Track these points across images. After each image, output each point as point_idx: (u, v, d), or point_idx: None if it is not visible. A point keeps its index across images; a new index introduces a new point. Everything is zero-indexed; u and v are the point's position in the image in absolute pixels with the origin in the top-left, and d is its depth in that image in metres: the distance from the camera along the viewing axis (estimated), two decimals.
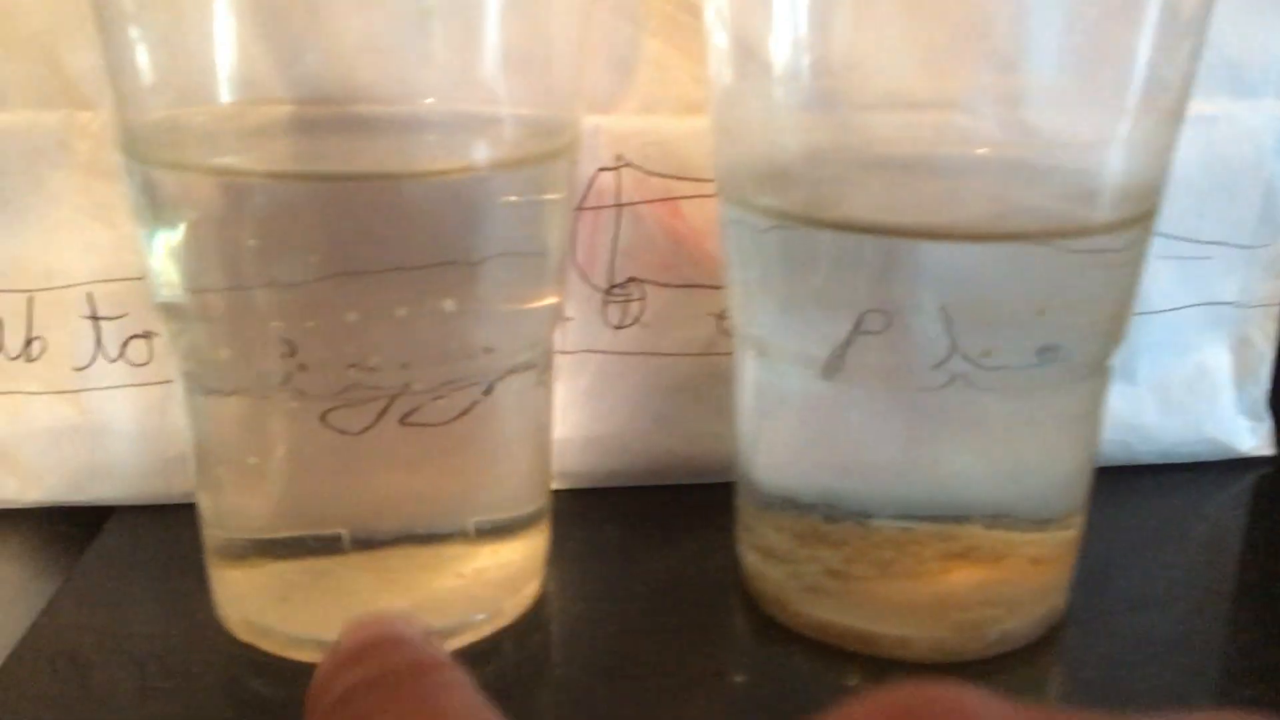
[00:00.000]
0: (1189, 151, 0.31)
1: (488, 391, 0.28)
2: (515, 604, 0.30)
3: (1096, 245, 0.26)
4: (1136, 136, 0.26)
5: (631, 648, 0.29)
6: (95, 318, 0.34)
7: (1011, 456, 0.28)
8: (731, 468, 0.32)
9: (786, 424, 0.30)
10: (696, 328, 0.36)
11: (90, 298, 0.34)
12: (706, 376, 0.36)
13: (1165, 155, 0.27)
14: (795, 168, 0.28)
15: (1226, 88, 0.35)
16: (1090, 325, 0.27)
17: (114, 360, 0.35)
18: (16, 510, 0.36)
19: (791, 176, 0.28)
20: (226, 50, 0.25)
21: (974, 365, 0.26)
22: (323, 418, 0.26)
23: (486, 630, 0.29)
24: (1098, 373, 0.28)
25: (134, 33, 0.25)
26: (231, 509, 0.29)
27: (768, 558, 0.30)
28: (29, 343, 0.34)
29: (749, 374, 0.30)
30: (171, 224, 0.26)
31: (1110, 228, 0.26)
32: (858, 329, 0.26)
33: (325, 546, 0.28)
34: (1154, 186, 0.27)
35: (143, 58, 0.25)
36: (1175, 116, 0.26)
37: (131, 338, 0.35)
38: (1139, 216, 0.27)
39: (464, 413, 0.27)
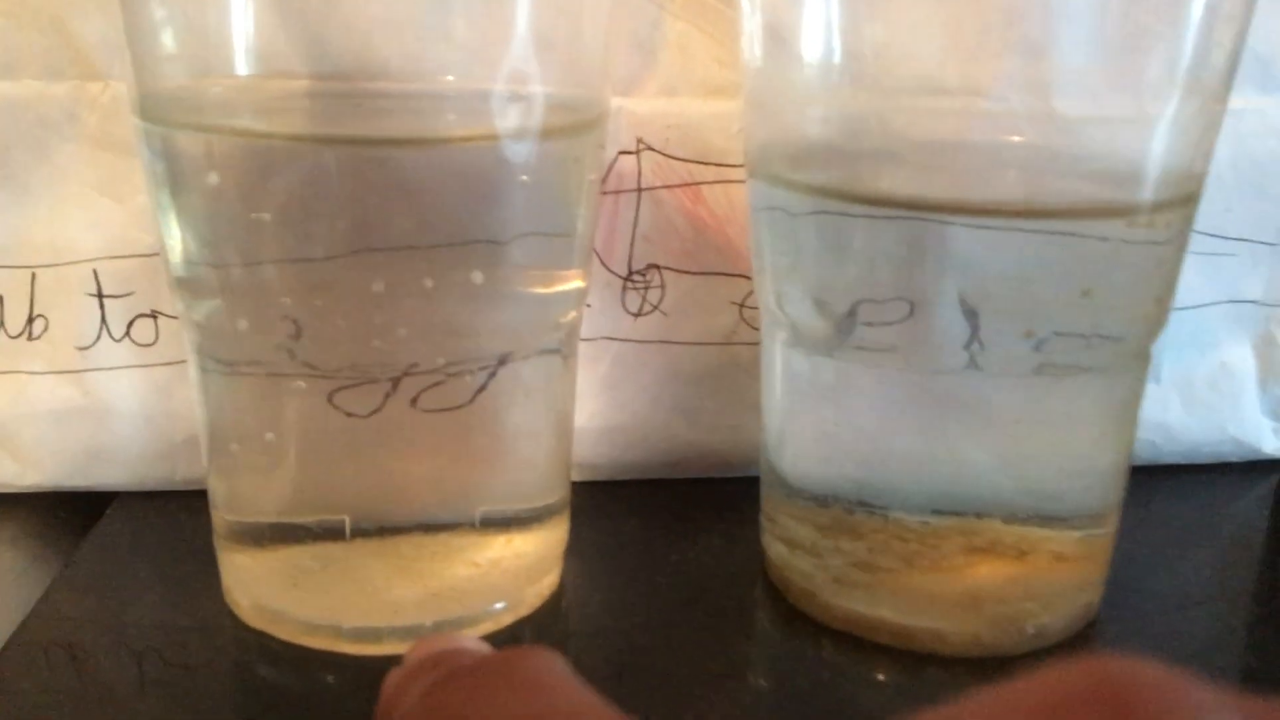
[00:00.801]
0: (1216, 146, 0.31)
1: (496, 374, 0.27)
2: (535, 594, 0.29)
3: (1138, 228, 0.26)
4: (1169, 120, 0.25)
5: (655, 641, 0.28)
6: (100, 295, 0.33)
7: (1051, 450, 0.27)
8: (752, 461, 0.32)
9: (814, 411, 0.29)
10: (717, 316, 0.35)
11: (96, 275, 0.33)
12: (727, 366, 0.35)
13: (1203, 140, 0.26)
14: (830, 145, 0.27)
15: (1254, 82, 0.35)
16: (1134, 308, 0.26)
17: (119, 340, 0.34)
18: (14, 494, 0.35)
19: (826, 154, 0.27)
20: (244, 21, 0.25)
21: (1015, 349, 0.25)
22: (330, 398, 0.26)
23: (507, 620, 0.29)
24: (1140, 358, 0.27)
25: (153, 1, 0.25)
26: (243, 492, 0.28)
27: (794, 549, 0.29)
28: (31, 321, 0.33)
29: (778, 361, 0.29)
30: (188, 190, 0.25)
31: (1146, 209, 0.26)
32: (888, 312, 0.26)
33: (335, 532, 0.27)
34: (1191, 171, 0.26)
35: (161, 26, 0.25)
36: (1213, 100, 0.26)
37: (138, 317, 0.34)
38: (1177, 200, 0.26)
39: (474, 398, 0.27)
